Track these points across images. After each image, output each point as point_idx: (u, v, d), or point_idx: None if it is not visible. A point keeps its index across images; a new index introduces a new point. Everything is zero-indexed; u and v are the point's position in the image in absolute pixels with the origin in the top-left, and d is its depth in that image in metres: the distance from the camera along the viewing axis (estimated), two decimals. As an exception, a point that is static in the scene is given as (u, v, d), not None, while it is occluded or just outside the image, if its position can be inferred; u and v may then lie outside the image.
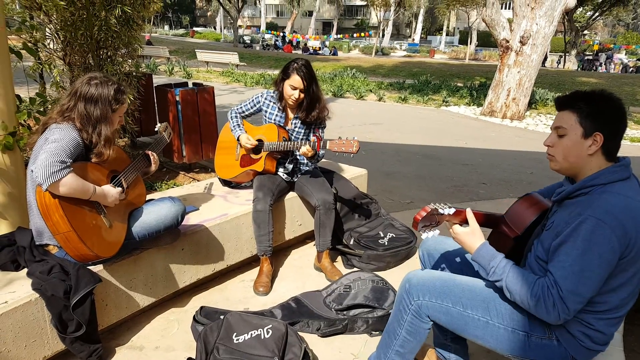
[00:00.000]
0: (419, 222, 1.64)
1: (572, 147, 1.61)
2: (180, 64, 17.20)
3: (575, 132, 1.60)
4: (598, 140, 1.56)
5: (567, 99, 1.64)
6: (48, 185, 1.88)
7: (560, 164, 1.67)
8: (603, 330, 1.60)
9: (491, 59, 32.48)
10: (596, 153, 1.59)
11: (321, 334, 2.51)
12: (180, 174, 4.83)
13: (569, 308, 1.49)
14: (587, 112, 1.57)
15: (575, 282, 1.48)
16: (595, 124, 1.56)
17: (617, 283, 1.54)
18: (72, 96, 2.18)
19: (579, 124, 1.59)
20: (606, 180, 1.55)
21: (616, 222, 1.45)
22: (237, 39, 35.68)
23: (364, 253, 3.18)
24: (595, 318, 1.59)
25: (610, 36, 51.18)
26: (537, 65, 10.11)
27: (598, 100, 1.58)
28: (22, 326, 1.99)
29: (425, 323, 1.81)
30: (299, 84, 2.96)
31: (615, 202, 1.49)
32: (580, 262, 1.47)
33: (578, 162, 1.62)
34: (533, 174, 6.01)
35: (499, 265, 1.62)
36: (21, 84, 3.52)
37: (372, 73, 19.82)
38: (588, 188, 1.57)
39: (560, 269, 1.51)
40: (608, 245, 1.45)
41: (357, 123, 9.00)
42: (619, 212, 1.46)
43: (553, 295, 1.50)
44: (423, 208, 1.66)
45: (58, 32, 3.85)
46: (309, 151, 2.83)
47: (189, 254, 2.71)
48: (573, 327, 1.62)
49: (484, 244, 1.69)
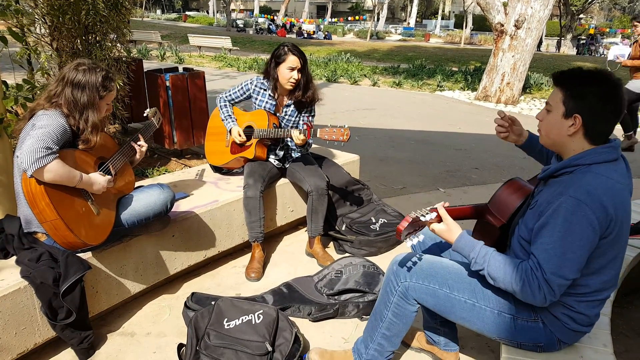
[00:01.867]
0: (402, 232, 1.62)
1: (554, 125, 1.61)
2: (172, 49, 17.01)
3: (558, 110, 1.59)
4: (577, 122, 1.55)
5: (560, 75, 1.62)
6: (33, 171, 1.87)
7: (544, 139, 1.68)
8: (585, 312, 1.62)
9: (487, 43, 32.29)
10: (576, 134, 1.57)
11: (312, 319, 2.52)
12: (172, 160, 4.80)
13: (553, 290, 1.50)
14: (572, 92, 1.56)
15: (558, 264, 1.48)
16: (576, 106, 1.55)
17: (598, 265, 1.55)
18: (60, 82, 2.16)
19: (562, 102, 1.58)
20: (591, 160, 1.54)
21: (597, 203, 1.45)
22: (230, 23, 35.27)
23: (355, 238, 3.19)
24: (576, 300, 1.61)
25: (606, 20, 50.97)
26: (531, 49, 10.07)
27: (587, 82, 1.55)
28: (11, 314, 1.99)
29: (411, 305, 1.82)
30: (297, 63, 2.94)
31: (597, 183, 1.49)
32: (562, 244, 1.48)
33: (558, 140, 1.62)
34: (525, 159, 6.01)
35: (479, 255, 1.63)
36: (9, 70, 3.47)
37: (367, 57, 19.70)
38: (572, 167, 1.57)
39: (543, 251, 1.51)
40: (589, 225, 1.46)
41: (350, 108, 8.96)
42: (600, 194, 1.46)
43: (538, 278, 1.51)
44: (405, 218, 1.63)
45: (45, 17, 3.79)
46: (300, 137, 2.81)
47: (180, 241, 2.71)
48: (556, 309, 1.63)
49: (461, 235, 1.68)
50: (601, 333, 1.83)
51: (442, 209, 1.73)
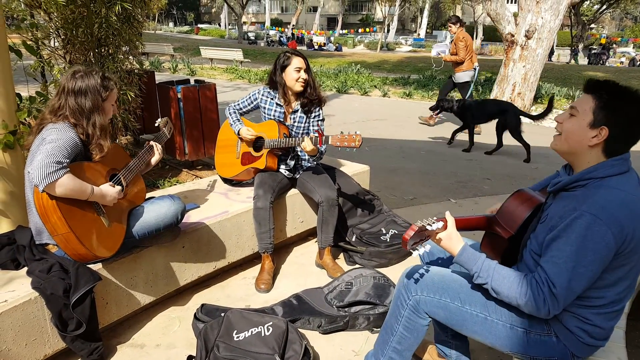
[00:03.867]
0: (408, 241, 1.60)
1: (576, 131, 1.56)
2: (184, 61, 17.19)
3: (585, 118, 1.54)
4: (602, 134, 1.51)
5: (595, 83, 1.57)
6: (44, 186, 1.88)
7: (560, 144, 1.62)
8: (601, 325, 1.58)
9: (497, 54, 32.21)
10: (597, 147, 1.54)
11: (322, 331, 2.50)
12: (183, 171, 4.83)
13: (559, 303, 1.48)
14: (605, 103, 1.51)
15: (568, 279, 1.45)
16: (606, 118, 1.50)
17: (615, 277, 1.52)
18: (61, 94, 2.19)
19: (592, 111, 1.53)
20: (604, 174, 1.51)
21: (612, 219, 1.42)
22: (241, 36, 35.62)
23: (365, 250, 3.17)
24: (593, 313, 1.57)
25: (617, 29, 50.70)
26: (542, 59, 10.02)
27: (623, 97, 1.51)
28: (22, 325, 2.00)
29: (422, 319, 1.79)
30: (302, 64, 3.00)
31: (611, 197, 1.46)
32: (573, 259, 1.45)
33: (576, 148, 1.57)
34: (537, 169, 5.96)
35: (482, 269, 1.61)
36: (23, 83, 3.52)
37: (377, 69, 19.73)
38: (585, 181, 1.54)
39: (553, 265, 1.48)
40: (603, 241, 1.42)
41: (360, 119, 8.96)
42: (615, 208, 1.43)
43: (544, 292, 1.48)
44: (410, 227, 1.61)
45: (59, 30, 3.85)
46: (310, 145, 2.81)
47: (190, 252, 2.71)
48: (570, 323, 1.59)
49: (463, 248, 1.66)
50: (616, 347, 1.78)
51: (451, 217, 1.71)
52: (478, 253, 1.65)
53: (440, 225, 1.67)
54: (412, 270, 1.85)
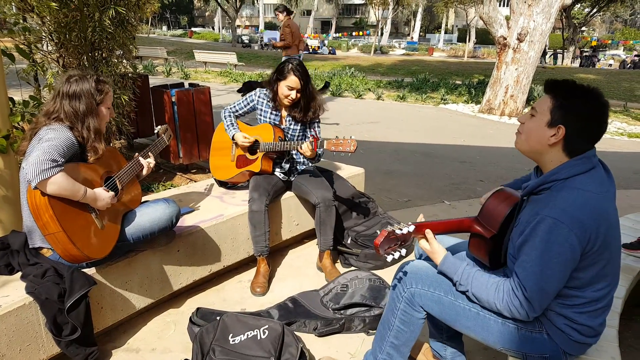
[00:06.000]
0: (379, 246, 1.61)
1: (535, 130, 1.59)
2: (178, 65, 17.17)
3: (543, 118, 1.57)
4: (560, 133, 1.53)
5: (552, 83, 1.60)
6: (37, 182, 1.87)
7: (521, 143, 1.66)
8: (587, 323, 1.59)
9: (490, 57, 32.44)
10: (556, 145, 1.56)
11: (318, 334, 2.50)
12: (177, 175, 4.82)
13: (534, 307, 1.52)
14: (561, 103, 1.54)
15: (537, 282, 1.49)
16: (562, 117, 1.53)
17: (589, 276, 1.53)
18: (56, 97, 2.19)
19: (550, 111, 1.56)
20: (567, 174, 1.53)
21: (573, 220, 1.44)
22: (235, 39, 35.66)
23: (361, 252, 3.18)
24: (575, 312, 1.59)
25: (608, 32, 51.15)
26: (534, 62, 10.10)
27: (578, 96, 1.53)
28: (16, 330, 1.98)
29: (418, 312, 1.81)
30: (296, 84, 2.95)
31: (572, 199, 1.47)
32: (539, 262, 1.48)
33: (537, 148, 1.60)
34: (530, 171, 6.00)
35: (462, 277, 1.65)
36: (16, 87, 3.50)
37: (371, 72, 19.81)
38: (549, 183, 1.56)
39: (523, 270, 1.52)
40: (566, 243, 1.44)
41: (355, 122, 8.98)
42: (576, 210, 1.45)
43: (518, 297, 1.52)
44: (380, 232, 1.63)
45: (52, 34, 3.84)
46: (309, 149, 2.81)
47: (185, 256, 2.70)
48: (558, 321, 1.61)
49: (445, 257, 1.71)
50: (609, 346, 1.80)
51: (430, 233, 1.73)
52: (459, 261, 1.69)
53: (411, 229, 1.69)
54: (408, 264, 1.88)
